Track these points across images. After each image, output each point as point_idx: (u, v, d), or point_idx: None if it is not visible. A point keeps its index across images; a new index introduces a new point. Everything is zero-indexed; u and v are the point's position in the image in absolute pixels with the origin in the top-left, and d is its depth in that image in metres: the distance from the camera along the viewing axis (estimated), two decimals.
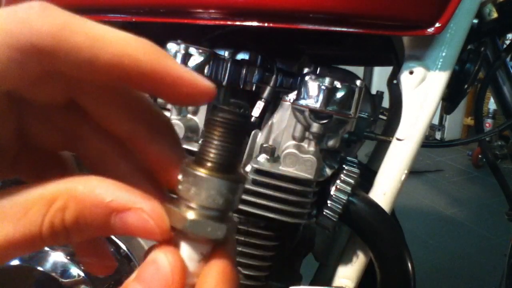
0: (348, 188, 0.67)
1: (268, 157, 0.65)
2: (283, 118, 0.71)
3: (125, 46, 0.21)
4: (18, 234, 0.20)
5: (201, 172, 0.21)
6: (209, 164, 0.22)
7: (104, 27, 0.21)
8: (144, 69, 0.21)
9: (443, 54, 0.68)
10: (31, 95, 0.22)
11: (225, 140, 0.22)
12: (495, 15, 0.73)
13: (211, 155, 0.22)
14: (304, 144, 0.68)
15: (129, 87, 0.23)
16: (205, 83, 0.22)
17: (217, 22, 0.68)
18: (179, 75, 0.22)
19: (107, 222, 0.21)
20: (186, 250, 0.22)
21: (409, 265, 0.69)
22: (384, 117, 0.99)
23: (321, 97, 0.64)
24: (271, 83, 0.76)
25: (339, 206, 0.67)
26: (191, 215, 0.21)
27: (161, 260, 0.21)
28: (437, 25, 0.64)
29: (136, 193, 0.21)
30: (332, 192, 0.68)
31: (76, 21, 0.20)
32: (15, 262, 0.79)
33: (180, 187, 0.22)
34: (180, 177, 0.22)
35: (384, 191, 0.70)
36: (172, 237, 0.22)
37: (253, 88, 0.78)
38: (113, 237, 0.84)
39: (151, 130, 0.24)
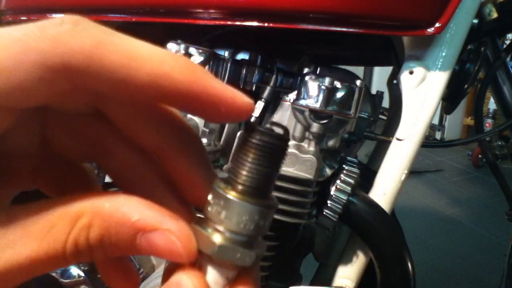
0: (348, 188, 0.67)
1: None
2: (283, 118, 0.71)
3: (161, 65, 0.20)
4: (42, 252, 0.19)
5: (233, 195, 0.20)
6: (241, 188, 0.20)
7: (139, 43, 0.20)
8: (181, 89, 0.20)
9: (443, 54, 0.68)
10: (56, 105, 0.21)
11: (260, 163, 0.20)
12: (495, 15, 0.73)
13: (244, 178, 0.20)
14: (304, 144, 0.68)
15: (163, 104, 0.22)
16: (244, 100, 0.22)
17: (217, 22, 0.68)
18: (217, 93, 0.21)
19: (132, 241, 0.20)
20: (211, 274, 0.21)
21: (409, 265, 0.69)
22: (384, 117, 0.99)
23: (321, 97, 0.64)
24: (271, 83, 0.76)
25: (339, 206, 0.67)
26: (220, 240, 0.20)
27: (185, 283, 0.20)
28: (437, 25, 0.64)
29: (164, 212, 0.20)
30: (332, 192, 0.68)
31: (111, 39, 0.19)
32: None
33: (209, 209, 0.21)
34: (210, 198, 0.21)
35: (384, 191, 0.70)
36: (197, 259, 0.21)
37: (253, 88, 0.78)
38: None
39: (180, 144, 0.23)
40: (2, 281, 0.19)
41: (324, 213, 0.67)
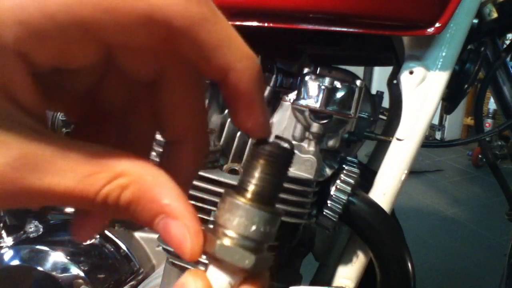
0: (348, 188, 0.67)
1: None
2: (283, 118, 0.71)
3: (241, 61, 0.22)
4: (78, 190, 0.21)
5: (240, 200, 0.22)
6: (249, 195, 0.22)
7: (234, 32, 0.23)
8: (239, 90, 0.23)
9: (443, 54, 0.68)
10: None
11: (268, 172, 0.22)
12: (495, 15, 0.73)
13: (252, 185, 0.22)
14: (304, 144, 0.68)
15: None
16: (263, 128, 0.24)
17: None
18: (255, 110, 0.23)
19: (152, 218, 0.22)
20: (216, 278, 0.22)
21: (409, 265, 0.69)
22: (384, 117, 0.99)
23: (321, 97, 0.64)
24: (271, 83, 0.76)
25: (339, 206, 0.67)
26: (226, 242, 0.21)
27: (190, 284, 0.22)
28: (437, 25, 0.64)
29: (189, 208, 0.22)
30: (332, 192, 0.68)
31: (215, 18, 0.22)
32: (15, 262, 0.79)
33: (217, 213, 0.22)
34: (220, 204, 0.23)
35: (384, 191, 0.70)
36: (207, 263, 0.23)
37: None
38: (113, 237, 0.84)
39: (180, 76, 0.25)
40: (37, 198, 0.20)
41: (324, 213, 0.67)
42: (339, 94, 0.65)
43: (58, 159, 0.20)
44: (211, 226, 0.23)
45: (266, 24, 0.66)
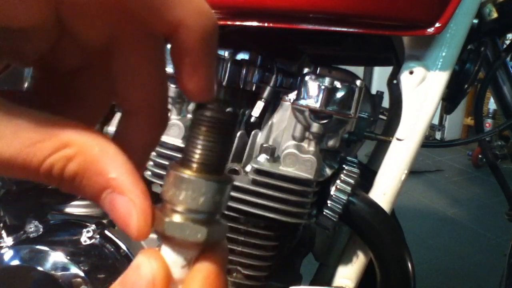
0: (348, 188, 0.67)
1: (268, 157, 0.65)
2: (283, 118, 0.71)
3: (192, 17, 0.21)
4: (20, 159, 0.20)
5: (185, 173, 0.20)
6: (194, 165, 0.21)
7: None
8: (185, 48, 0.21)
9: (443, 54, 0.68)
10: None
11: (211, 139, 0.21)
12: (495, 15, 0.73)
13: (196, 155, 0.21)
14: (304, 144, 0.68)
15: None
16: (205, 92, 0.22)
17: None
18: (199, 72, 0.22)
19: (99, 192, 0.21)
20: (170, 255, 0.21)
21: (409, 265, 0.69)
22: (384, 117, 0.99)
23: (321, 97, 0.64)
24: (271, 83, 0.76)
25: (339, 206, 0.67)
26: (176, 219, 0.20)
27: (144, 265, 0.20)
28: (437, 25, 0.64)
29: (138, 185, 0.21)
30: (332, 192, 0.68)
31: None
32: (15, 262, 0.79)
33: (164, 189, 0.21)
34: (165, 179, 0.21)
35: (384, 191, 0.70)
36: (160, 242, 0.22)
37: (253, 88, 0.78)
38: (113, 237, 0.84)
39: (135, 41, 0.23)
40: None
41: (324, 213, 0.67)
42: (339, 94, 0.65)
43: (0, 124, 0.19)
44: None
45: (266, 24, 0.66)
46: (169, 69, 0.23)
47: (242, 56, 0.79)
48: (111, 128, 0.74)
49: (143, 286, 0.20)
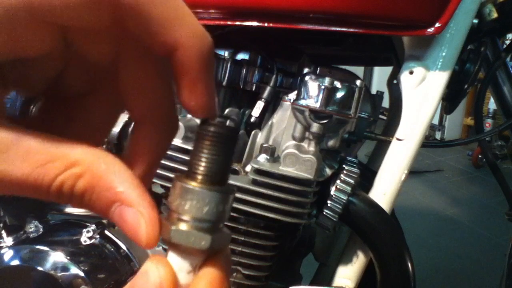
0: (348, 188, 0.67)
1: (268, 157, 0.65)
2: (283, 118, 0.71)
3: (189, 39, 0.22)
4: (31, 179, 0.21)
5: (190, 184, 0.22)
6: (198, 177, 0.22)
7: (187, 10, 0.23)
8: (185, 67, 0.23)
9: (443, 54, 0.68)
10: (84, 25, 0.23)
11: (213, 153, 0.22)
12: (495, 15, 0.73)
13: (200, 168, 0.22)
14: (304, 144, 0.68)
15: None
16: (207, 109, 0.24)
17: (217, 22, 0.68)
18: (199, 90, 0.23)
19: (108, 206, 0.22)
20: (176, 262, 0.22)
21: (409, 265, 0.69)
22: (384, 117, 0.99)
23: (321, 97, 0.64)
24: (271, 83, 0.76)
25: (339, 206, 0.67)
26: (182, 227, 0.22)
27: (152, 272, 0.22)
28: (437, 25, 0.64)
29: (145, 197, 0.22)
30: (332, 192, 0.68)
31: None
32: (15, 262, 0.79)
33: (170, 199, 0.22)
34: (171, 190, 0.23)
35: (384, 191, 0.70)
36: (167, 249, 0.23)
37: (253, 88, 0.78)
38: (113, 237, 0.84)
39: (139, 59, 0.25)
40: None
41: (324, 213, 0.67)
42: (339, 94, 0.65)
43: (12, 147, 0.21)
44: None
45: (266, 24, 0.66)
46: None
47: (242, 56, 0.79)
48: (115, 129, 0.74)
49: None
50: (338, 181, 0.68)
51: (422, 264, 2.05)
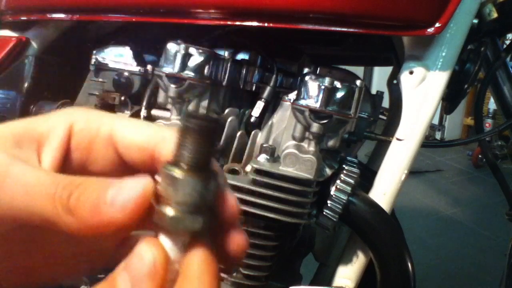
0: (348, 188, 0.67)
1: (268, 157, 0.65)
2: (283, 118, 0.71)
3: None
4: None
5: (177, 173, 0.24)
6: (183, 166, 0.24)
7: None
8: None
9: (443, 54, 0.68)
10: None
11: (196, 143, 0.24)
12: (495, 15, 0.73)
13: (185, 158, 0.24)
14: (304, 144, 0.68)
15: None
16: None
17: (217, 22, 0.68)
18: None
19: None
20: (167, 243, 0.25)
21: (409, 265, 0.69)
22: (384, 117, 0.99)
23: (321, 97, 0.64)
24: (271, 83, 0.76)
25: (339, 206, 0.67)
26: (170, 212, 0.24)
27: (146, 251, 0.23)
28: (437, 25, 0.64)
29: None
30: (332, 192, 0.68)
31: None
32: None
33: (160, 188, 0.24)
34: (160, 180, 0.25)
35: (384, 191, 0.70)
36: (156, 232, 0.25)
37: (253, 88, 0.78)
38: None
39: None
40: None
41: (324, 213, 0.67)
42: (339, 94, 0.65)
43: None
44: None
45: (266, 24, 0.66)
46: (169, 68, 0.24)
47: (242, 56, 0.79)
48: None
49: (145, 268, 0.23)
50: (338, 181, 0.68)
51: (422, 264, 2.05)
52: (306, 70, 0.74)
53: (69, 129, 0.28)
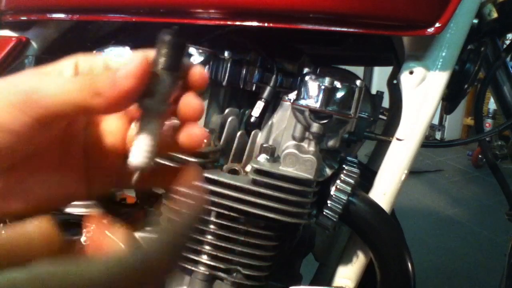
0: (348, 188, 0.67)
1: (268, 157, 0.65)
2: (283, 118, 0.71)
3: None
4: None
5: (157, 71, 0.31)
6: (159, 67, 0.32)
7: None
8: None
9: (443, 54, 0.68)
10: None
11: (170, 48, 0.32)
12: (495, 15, 0.73)
13: (162, 60, 0.32)
14: (304, 144, 0.68)
15: None
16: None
17: (217, 22, 0.68)
18: None
19: None
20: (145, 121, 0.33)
21: (409, 265, 0.69)
22: (384, 117, 0.99)
23: (321, 97, 0.64)
24: (271, 83, 0.76)
25: (339, 206, 0.67)
26: (148, 100, 0.31)
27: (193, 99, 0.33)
28: (437, 25, 0.64)
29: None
30: (332, 192, 0.68)
31: None
32: None
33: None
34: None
35: (384, 191, 0.70)
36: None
37: (253, 88, 0.78)
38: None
39: None
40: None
41: (324, 213, 0.67)
42: (339, 94, 0.65)
43: None
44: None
45: (266, 24, 0.66)
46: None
47: (242, 56, 0.79)
48: None
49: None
50: (338, 181, 0.68)
51: (422, 264, 2.05)
52: (306, 70, 0.74)
53: (75, 62, 0.33)
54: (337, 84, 0.65)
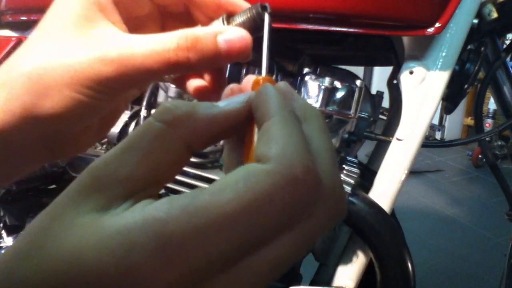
0: (348, 188, 0.67)
1: None
2: None
3: None
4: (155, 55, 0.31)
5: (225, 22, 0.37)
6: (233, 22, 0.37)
7: None
8: None
9: (443, 54, 0.68)
10: None
11: (250, 17, 0.36)
12: (495, 15, 0.73)
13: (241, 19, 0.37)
14: None
15: None
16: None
17: None
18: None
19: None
20: None
21: (409, 265, 0.69)
22: (384, 117, 0.99)
23: (321, 97, 0.64)
24: None
25: None
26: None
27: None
28: (437, 25, 0.64)
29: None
30: None
31: None
32: None
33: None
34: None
35: (384, 191, 0.70)
36: None
37: None
38: None
39: None
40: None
41: None
42: (339, 94, 0.65)
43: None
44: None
45: None
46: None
47: None
48: (115, 129, 0.74)
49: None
50: None
51: (422, 264, 2.06)
52: (306, 70, 0.74)
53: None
54: (337, 84, 0.65)
